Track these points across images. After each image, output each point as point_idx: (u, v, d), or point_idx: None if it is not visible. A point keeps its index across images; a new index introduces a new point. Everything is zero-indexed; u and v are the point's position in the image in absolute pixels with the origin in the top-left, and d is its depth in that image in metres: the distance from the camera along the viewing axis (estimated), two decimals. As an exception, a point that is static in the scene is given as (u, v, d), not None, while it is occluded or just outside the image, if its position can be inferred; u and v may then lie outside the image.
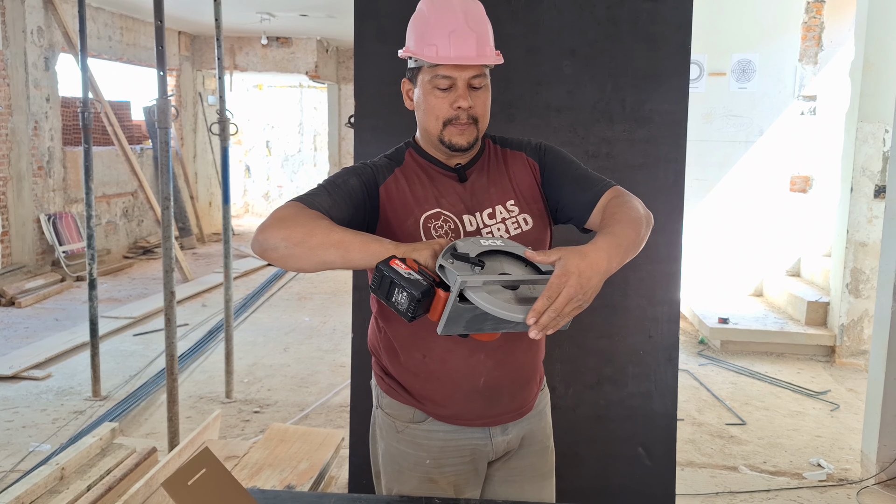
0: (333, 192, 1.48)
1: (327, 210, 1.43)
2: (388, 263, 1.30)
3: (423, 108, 1.53)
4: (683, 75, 2.39)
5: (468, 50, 1.47)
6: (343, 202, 1.47)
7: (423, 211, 1.53)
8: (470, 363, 1.55)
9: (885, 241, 3.44)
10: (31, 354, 4.96)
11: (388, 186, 1.54)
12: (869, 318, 5.00)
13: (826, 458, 3.66)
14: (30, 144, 7.28)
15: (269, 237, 1.37)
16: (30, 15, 7.18)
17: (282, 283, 7.66)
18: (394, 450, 1.62)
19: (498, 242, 1.36)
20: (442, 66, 1.47)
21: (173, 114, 3.41)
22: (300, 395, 4.44)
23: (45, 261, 7.46)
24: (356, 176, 1.52)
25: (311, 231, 1.35)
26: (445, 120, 1.50)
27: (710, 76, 6.26)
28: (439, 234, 1.51)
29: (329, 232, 1.35)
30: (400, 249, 1.32)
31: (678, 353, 2.49)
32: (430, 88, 1.50)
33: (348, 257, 1.34)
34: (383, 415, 1.64)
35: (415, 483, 1.59)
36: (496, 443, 1.62)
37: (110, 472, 2.78)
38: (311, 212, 1.40)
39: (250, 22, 9.34)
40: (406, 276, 1.28)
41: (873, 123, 4.94)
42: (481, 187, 1.59)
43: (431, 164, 1.58)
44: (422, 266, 1.30)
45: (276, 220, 1.38)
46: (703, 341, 5.57)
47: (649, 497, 2.50)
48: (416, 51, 1.51)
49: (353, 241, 1.34)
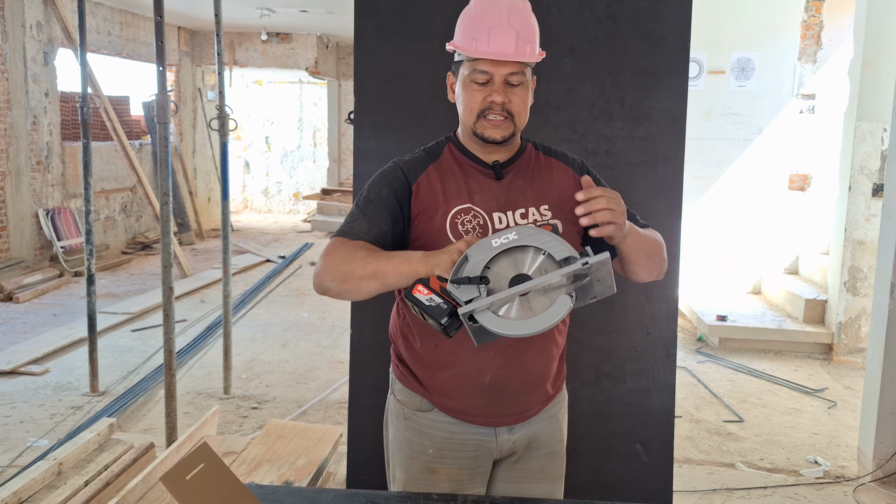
0: (368, 210, 1.54)
1: (366, 233, 1.51)
2: (412, 294, 1.35)
3: (462, 100, 1.56)
4: (683, 73, 2.39)
5: (507, 47, 1.49)
6: (379, 218, 1.53)
7: (452, 206, 1.55)
8: (478, 358, 1.57)
9: (882, 240, 3.45)
10: (29, 350, 4.96)
11: (421, 183, 1.57)
12: (866, 315, 5.01)
13: (823, 456, 3.67)
14: (28, 139, 7.27)
15: (322, 280, 1.48)
16: (29, 9, 7.17)
17: (280, 280, 7.66)
18: (401, 436, 1.66)
19: (511, 236, 1.37)
20: (480, 61, 1.50)
21: (172, 109, 3.41)
22: (298, 392, 4.45)
23: (44, 256, 7.46)
24: (387, 184, 1.57)
25: (350, 267, 1.45)
26: (479, 112, 1.53)
27: (710, 74, 6.26)
28: (466, 228, 1.54)
29: (365, 264, 1.44)
30: (425, 263, 1.39)
31: (676, 350, 2.50)
32: (468, 82, 1.53)
33: (388, 283, 1.45)
34: (395, 401, 1.69)
35: (415, 471, 1.62)
36: (501, 441, 1.63)
37: (108, 467, 2.79)
38: (352, 244, 1.49)
39: (250, 17, 9.33)
40: (427, 303, 1.34)
41: (872, 122, 4.94)
42: (518, 187, 1.60)
43: (468, 160, 1.60)
44: (443, 285, 1.36)
45: (323, 261, 1.49)
46: (702, 338, 5.58)
47: (647, 493, 2.50)
48: (460, 44, 1.54)
49: (386, 268, 1.43)
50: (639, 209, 1.82)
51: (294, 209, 13.42)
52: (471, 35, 1.51)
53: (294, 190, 13.45)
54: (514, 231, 1.37)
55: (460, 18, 1.57)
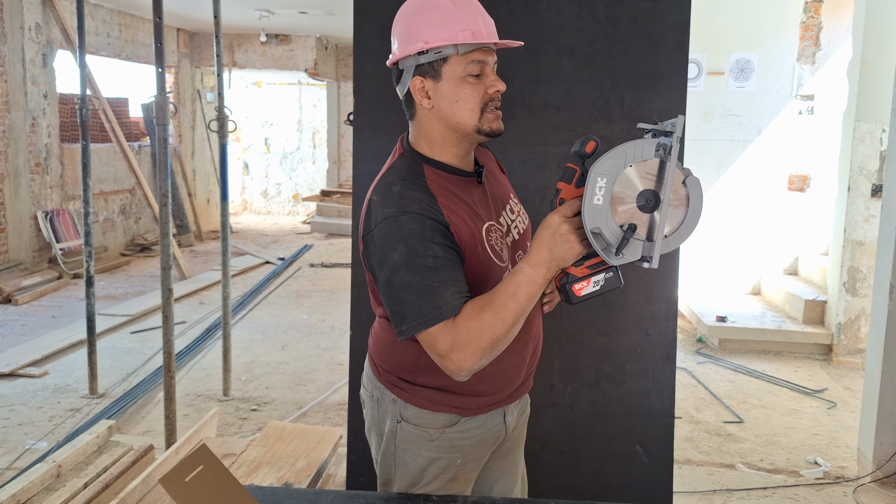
0: (438, 276, 1.34)
1: (459, 294, 1.34)
2: (577, 295, 1.32)
3: (456, 100, 1.43)
4: (682, 74, 2.40)
5: (494, 30, 1.46)
6: (455, 277, 1.36)
7: (479, 228, 1.45)
8: (523, 355, 1.57)
9: (881, 240, 3.45)
10: (28, 352, 4.96)
11: (451, 218, 1.41)
12: (866, 316, 5.01)
13: (823, 456, 3.67)
14: (27, 141, 7.26)
15: (472, 366, 1.32)
16: (28, 11, 7.17)
17: (280, 281, 7.66)
18: (423, 459, 1.55)
19: (601, 182, 1.26)
20: (475, 52, 1.41)
21: (171, 111, 3.41)
22: (298, 393, 4.44)
23: (42, 258, 7.45)
24: (430, 241, 1.36)
25: (490, 334, 1.31)
26: (482, 107, 1.44)
27: (709, 75, 6.27)
28: (500, 245, 1.48)
29: (499, 321, 1.31)
30: (548, 268, 1.30)
31: (676, 350, 2.50)
32: (463, 77, 1.42)
33: (529, 309, 1.34)
34: (410, 427, 1.55)
35: (437, 486, 1.57)
36: (508, 423, 1.64)
37: (107, 469, 2.78)
38: (462, 316, 1.33)
39: (249, 19, 9.33)
40: (600, 288, 1.33)
41: (870, 123, 4.94)
42: (494, 185, 1.58)
43: (453, 175, 1.49)
44: (589, 262, 1.31)
45: (455, 355, 1.32)
46: (701, 339, 5.58)
47: (647, 494, 2.50)
48: (450, 37, 1.41)
49: (521, 304, 1.31)
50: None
51: (293, 211, 13.42)
52: (459, 26, 1.40)
53: (293, 191, 13.46)
54: (597, 175, 1.26)
55: (426, 17, 1.43)
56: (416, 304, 1.33)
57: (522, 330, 1.51)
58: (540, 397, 2.37)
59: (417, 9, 1.45)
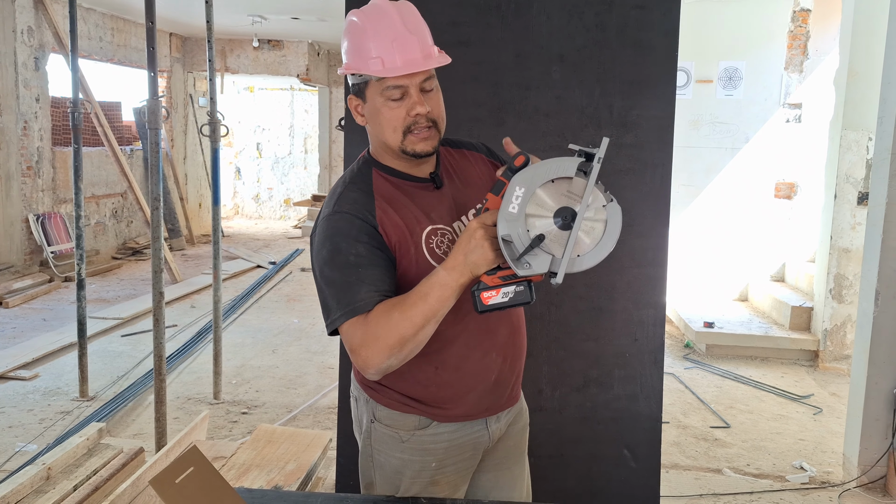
0: (358, 273, 1.39)
1: (376, 292, 1.37)
2: (486, 305, 1.33)
3: (379, 121, 1.45)
4: (670, 82, 2.43)
5: (414, 55, 1.41)
6: (374, 275, 1.39)
7: (419, 232, 1.47)
8: (484, 364, 1.55)
9: (867, 248, 3.48)
10: (19, 354, 4.94)
11: (382, 221, 1.44)
12: (852, 323, 5.06)
13: (809, 462, 3.70)
14: (19, 144, 7.25)
15: (378, 365, 1.35)
16: (20, 14, 7.16)
17: (271, 285, 7.65)
18: (396, 461, 1.57)
19: (519, 192, 1.31)
20: (391, 78, 1.41)
21: (164, 115, 3.42)
22: (288, 397, 4.45)
23: (34, 261, 7.42)
24: (354, 240, 1.41)
25: (397, 332, 1.33)
26: (405, 129, 1.44)
27: (698, 83, 6.32)
28: (443, 249, 1.48)
29: (407, 319, 1.33)
30: (462, 273, 1.33)
31: (664, 356, 2.52)
32: (383, 101, 1.43)
33: (440, 317, 1.36)
34: (382, 427, 1.57)
35: (416, 490, 1.58)
36: (492, 431, 1.63)
37: (97, 472, 2.78)
38: (374, 313, 1.35)
39: (242, 24, 9.34)
40: (508, 300, 1.33)
41: (857, 131, 5.00)
42: (457, 189, 1.57)
43: (402, 180, 1.51)
44: (500, 273, 1.32)
45: (363, 351, 1.35)
46: (689, 345, 5.62)
47: (634, 498, 2.52)
48: (360, 66, 1.42)
49: (431, 306, 1.34)
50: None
51: (285, 215, 13.41)
52: (370, 53, 1.40)
53: (285, 196, 13.45)
54: (517, 185, 1.31)
55: (349, 38, 1.45)
56: (336, 299, 1.39)
57: (480, 338, 1.54)
58: (528, 402, 2.38)
59: (347, 28, 1.47)
